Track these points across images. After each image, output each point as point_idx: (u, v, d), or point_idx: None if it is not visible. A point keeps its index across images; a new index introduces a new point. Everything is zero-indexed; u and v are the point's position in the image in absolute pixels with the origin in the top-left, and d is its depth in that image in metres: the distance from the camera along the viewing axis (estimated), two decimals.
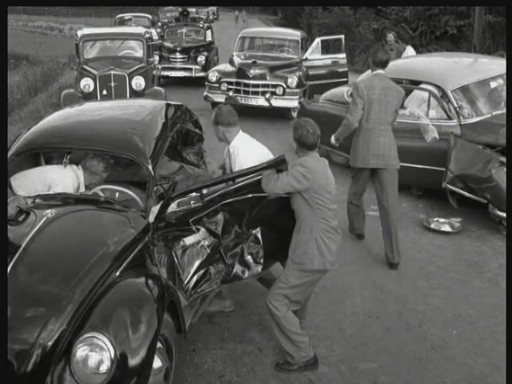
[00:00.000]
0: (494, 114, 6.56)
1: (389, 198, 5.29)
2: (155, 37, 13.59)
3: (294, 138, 3.68)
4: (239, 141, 4.14)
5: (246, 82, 11.38)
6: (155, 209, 3.74)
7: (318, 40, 12.69)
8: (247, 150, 4.07)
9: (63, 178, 4.06)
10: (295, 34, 13.32)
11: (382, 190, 5.32)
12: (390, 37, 12.07)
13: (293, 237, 3.73)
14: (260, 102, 11.35)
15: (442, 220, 6.28)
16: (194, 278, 3.71)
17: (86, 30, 12.10)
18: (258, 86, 11.34)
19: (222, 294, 4.39)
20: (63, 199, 3.83)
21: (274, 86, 11.30)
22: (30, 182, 3.99)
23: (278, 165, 3.71)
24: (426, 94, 6.73)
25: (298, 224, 3.69)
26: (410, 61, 9.15)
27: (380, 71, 5.39)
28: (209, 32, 17.58)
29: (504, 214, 5.73)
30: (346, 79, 12.12)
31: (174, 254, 3.69)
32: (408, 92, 7.25)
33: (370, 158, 5.29)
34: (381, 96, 5.24)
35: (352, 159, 5.50)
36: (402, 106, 7.02)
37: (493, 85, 6.88)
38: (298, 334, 3.78)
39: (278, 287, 3.76)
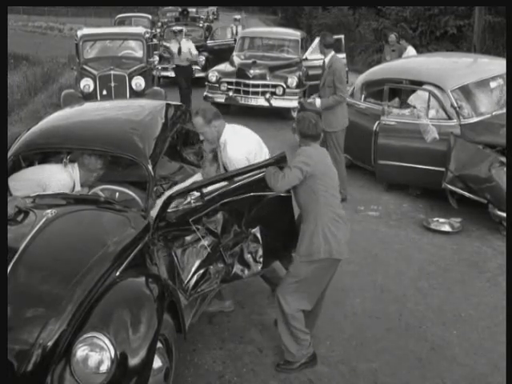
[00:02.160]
0: (493, 113, 6.56)
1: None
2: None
3: (297, 131, 3.71)
4: (226, 135, 4.14)
5: (246, 82, 11.38)
6: (160, 201, 3.74)
7: (317, 40, 12.67)
8: (235, 145, 4.07)
9: (57, 178, 4.04)
10: (295, 34, 13.32)
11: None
12: (392, 37, 12.03)
13: (300, 230, 3.72)
14: (260, 102, 11.36)
15: (441, 220, 6.27)
16: (194, 278, 3.71)
17: (86, 30, 12.09)
18: (257, 86, 11.35)
19: (221, 294, 4.39)
20: (63, 199, 3.83)
21: (274, 86, 11.30)
22: (25, 183, 3.97)
23: (278, 162, 3.73)
24: (426, 94, 6.73)
25: (304, 216, 3.70)
26: (410, 61, 9.15)
27: (333, 52, 6.91)
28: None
29: (504, 214, 5.73)
30: (345, 79, 12.09)
31: (173, 253, 3.69)
32: (408, 92, 7.27)
33: (346, 120, 6.91)
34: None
35: (342, 123, 6.88)
36: (408, 104, 7.06)
37: (493, 85, 6.88)
38: (303, 332, 3.77)
39: (288, 282, 3.74)
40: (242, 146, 4.09)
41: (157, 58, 12.92)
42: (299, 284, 3.69)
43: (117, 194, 4.03)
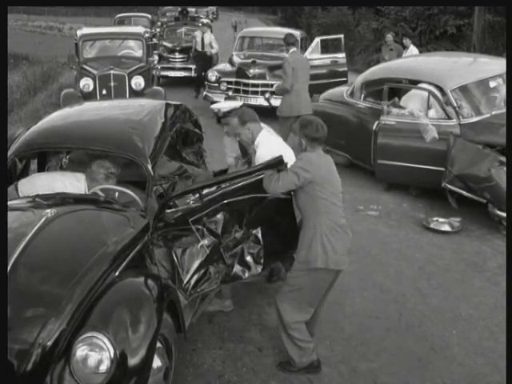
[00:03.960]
0: (493, 113, 6.55)
1: None
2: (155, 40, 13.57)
3: (303, 135, 3.61)
4: (261, 137, 4.28)
5: (246, 81, 11.37)
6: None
7: (317, 40, 12.65)
8: (266, 146, 4.18)
9: (70, 188, 4.01)
10: (295, 34, 13.28)
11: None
12: (389, 37, 12.05)
13: (300, 235, 3.70)
14: (259, 101, 11.33)
15: (441, 220, 6.27)
16: (194, 278, 3.71)
17: (86, 30, 12.10)
18: (257, 85, 11.33)
19: (222, 293, 4.39)
20: (63, 199, 3.83)
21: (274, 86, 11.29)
22: (36, 190, 3.94)
23: (276, 165, 3.71)
24: (426, 94, 6.73)
25: (304, 222, 3.67)
26: (409, 60, 9.15)
27: (294, 49, 8.07)
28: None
29: (504, 214, 5.73)
30: (345, 79, 12.10)
31: (173, 253, 3.69)
32: (407, 92, 7.27)
33: (301, 108, 7.53)
34: (301, 65, 7.86)
35: (286, 110, 7.77)
36: (400, 106, 7.06)
37: (492, 84, 6.87)
38: (304, 341, 3.74)
39: (285, 291, 3.72)
40: (272, 148, 4.13)
41: (156, 58, 12.92)
42: (296, 293, 3.67)
43: (116, 193, 4.02)
